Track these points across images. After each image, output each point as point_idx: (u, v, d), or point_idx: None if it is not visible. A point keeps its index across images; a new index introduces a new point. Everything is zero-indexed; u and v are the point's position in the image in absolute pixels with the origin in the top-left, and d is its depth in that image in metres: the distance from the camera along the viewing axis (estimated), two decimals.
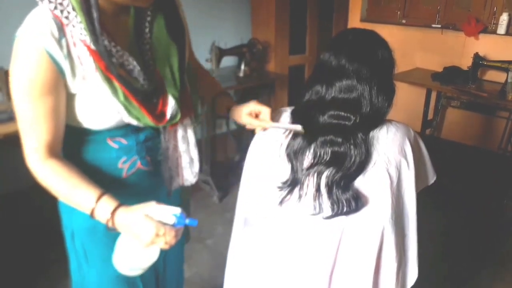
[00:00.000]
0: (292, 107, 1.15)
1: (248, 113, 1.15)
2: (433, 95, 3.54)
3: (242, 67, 3.24)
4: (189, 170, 1.14)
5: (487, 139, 3.48)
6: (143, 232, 0.85)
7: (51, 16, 0.81)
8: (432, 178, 1.19)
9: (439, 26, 3.49)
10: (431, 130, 3.64)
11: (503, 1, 3.15)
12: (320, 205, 1.03)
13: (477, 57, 3.10)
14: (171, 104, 0.97)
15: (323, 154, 1.02)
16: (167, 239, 0.86)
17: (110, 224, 0.87)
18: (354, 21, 4.09)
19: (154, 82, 0.95)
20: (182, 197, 1.27)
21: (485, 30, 3.23)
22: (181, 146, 1.09)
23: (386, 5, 3.87)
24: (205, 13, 3.26)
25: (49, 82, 0.84)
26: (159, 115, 0.96)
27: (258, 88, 3.50)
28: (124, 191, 1.00)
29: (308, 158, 1.04)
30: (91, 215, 0.89)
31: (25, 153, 0.90)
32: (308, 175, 1.03)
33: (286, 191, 1.06)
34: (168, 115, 0.98)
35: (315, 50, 3.89)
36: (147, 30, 0.94)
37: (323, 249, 1.06)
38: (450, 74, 3.26)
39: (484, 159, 3.42)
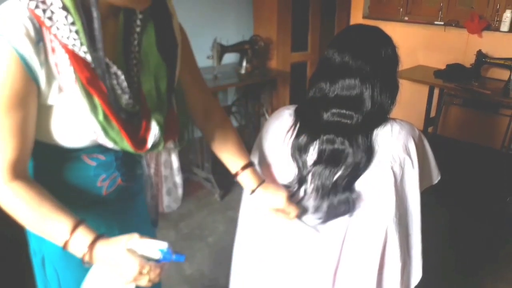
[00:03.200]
0: (295, 106, 1.14)
1: (276, 210, 1.06)
2: (436, 92, 3.52)
3: (244, 64, 3.23)
4: (169, 197, 1.06)
5: (490, 137, 3.46)
6: (125, 269, 0.77)
7: (28, 15, 0.69)
8: (436, 178, 1.19)
9: (442, 23, 3.47)
10: (434, 128, 3.63)
11: None
12: (318, 205, 1.04)
13: (480, 55, 3.08)
14: (154, 131, 0.84)
15: (326, 152, 1.01)
16: (151, 277, 0.78)
17: (86, 259, 0.77)
18: (356, 18, 4.07)
19: (139, 103, 0.82)
20: None
21: (488, 27, 3.21)
22: (164, 171, 1.01)
23: (389, 2, 3.85)
24: (207, 10, 3.25)
25: (19, 93, 0.71)
26: (139, 141, 0.83)
27: (260, 85, 3.49)
28: (105, 209, 0.92)
29: (312, 156, 1.03)
30: (64, 247, 0.78)
31: None
32: (313, 173, 1.03)
33: (294, 189, 1.06)
34: (149, 143, 0.84)
35: (317, 47, 3.87)
36: (135, 42, 0.81)
37: (327, 247, 1.06)
38: (453, 72, 3.24)
39: (487, 157, 3.41)
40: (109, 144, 0.81)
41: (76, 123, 0.78)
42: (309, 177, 1.04)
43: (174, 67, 0.88)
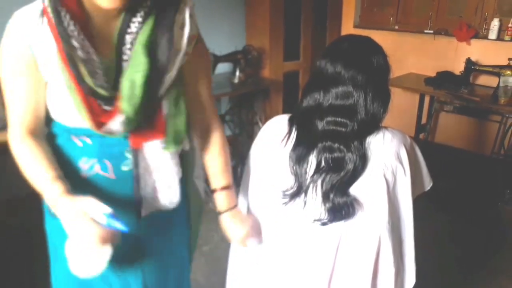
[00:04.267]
0: (289, 114, 1.16)
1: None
2: (427, 99, 3.56)
3: (237, 73, 3.25)
4: (166, 196, 1.05)
5: (481, 143, 3.51)
6: (78, 227, 0.86)
7: (39, 6, 0.85)
8: (428, 185, 1.20)
9: (432, 31, 3.52)
10: (425, 135, 3.67)
11: (494, 7, 3.20)
12: (320, 211, 1.04)
13: (469, 62, 3.13)
14: (118, 118, 0.88)
15: (323, 161, 1.03)
16: (99, 239, 0.86)
17: (52, 208, 0.90)
18: (348, 27, 4.12)
19: (115, 91, 0.88)
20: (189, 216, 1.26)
21: (476, 36, 3.27)
22: (156, 169, 1.01)
23: (379, 11, 3.91)
24: (200, 20, 3.25)
25: (25, 66, 0.87)
26: (100, 122, 0.88)
27: (253, 94, 3.51)
28: (85, 191, 0.95)
29: (312, 165, 1.05)
30: (44, 194, 0.91)
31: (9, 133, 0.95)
32: (311, 181, 1.04)
33: (289, 198, 1.07)
34: (108, 126, 0.89)
35: (309, 56, 3.91)
36: (130, 40, 0.88)
37: (321, 255, 1.07)
38: (443, 79, 3.29)
39: (478, 162, 3.45)
40: (78, 118, 0.89)
41: (60, 97, 0.89)
42: (310, 185, 1.04)
43: (162, 69, 0.90)
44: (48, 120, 0.96)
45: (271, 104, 3.65)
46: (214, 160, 1.16)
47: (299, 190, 1.06)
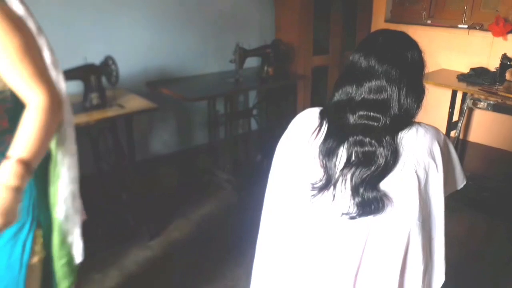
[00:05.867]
0: (320, 107, 1.16)
1: None
2: (459, 96, 3.47)
3: (266, 68, 3.26)
4: None
5: None
6: None
7: None
8: (462, 183, 1.19)
9: (466, 26, 3.43)
10: (456, 132, 3.58)
11: None
12: (349, 205, 1.04)
13: (505, 58, 3.03)
14: None
15: (353, 154, 1.03)
16: None
17: None
18: (378, 22, 4.05)
19: None
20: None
21: None
22: None
23: (411, 5, 3.82)
24: (229, 15, 3.30)
25: None
26: None
27: (281, 88, 3.52)
28: None
29: (342, 159, 1.05)
30: None
31: None
32: (341, 175, 1.04)
33: (317, 190, 1.07)
34: None
35: (339, 51, 3.87)
36: None
37: (349, 250, 1.07)
38: (477, 75, 3.20)
39: None
40: None
41: None
42: (339, 178, 1.04)
43: None
44: None
45: (300, 99, 3.64)
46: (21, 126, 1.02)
47: (328, 183, 1.05)
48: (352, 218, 1.04)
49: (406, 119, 1.04)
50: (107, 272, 2.19)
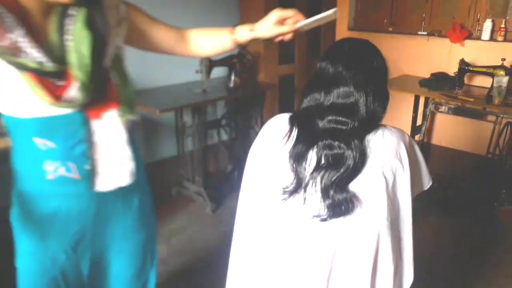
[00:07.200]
0: (289, 114, 1.17)
1: (276, 22, 1.12)
2: (421, 101, 3.58)
3: (233, 77, 3.25)
4: (119, 169, 1.10)
5: (476, 143, 3.52)
6: None
7: None
8: (428, 183, 1.21)
9: (425, 33, 3.55)
10: (420, 136, 3.68)
11: (486, 8, 3.22)
12: (320, 207, 1.05)
13: (463, 63, 3.15)
14: (74, 86, 0.96)
15: (323, 158, 1.04)
16: None
17: None
18: (342, 29, 4.14)
19: (62, 65, 0.95)
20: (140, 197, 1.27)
21: (470, 36, 3.30)
22: (109, 142, 1.07)
23: (373, 13, 3.93)
24: (193, 24, 3.26)
25: None
26: (58, 96, 0.95)
27: (248, 98, 3.52)
28: (48, 192, 1.04)
29: (311, 162, 1.06)
30: None
31: None
32: (311, 178, 1.05)
33: (288, 194, 1.08)
34: (66, 96, 0.96)
35: (304, 59, 3.93)
36: (70, 22, 0.96)
37: (320, 252, 1.07)
38: (438, 80, 3.31)
39: (473, 163, 3.46)
40: (35, 99, 0.93)
41: (8, 85, 0.93)
42: (309, 181, 1.06)
43: (104, 42, 1.02)
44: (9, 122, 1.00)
45: (267, 107, 3.65)
46: (205, 36, 1.29)
47: (298, 186, 1.06)
48: (323, 220, 1.05)
49: (373, 123, 1.06)
50: None
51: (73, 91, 0.96)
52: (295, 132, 1.10)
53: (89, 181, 1.07)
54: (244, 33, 1.20)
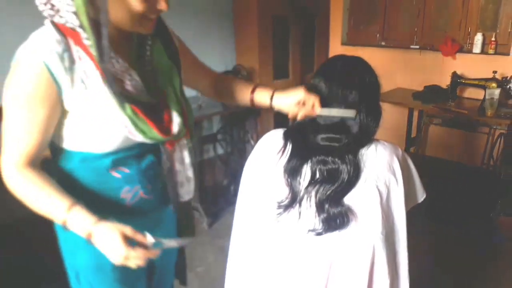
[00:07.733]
0: (283, 129, 1.18)
1: (298, 103, 1.11)
2: (415, 113, 3.61)
3: None
4: (182, 189, 1.12)
5: (470, 155, 3.55)
6: (113, 251, 0.86)
7: (55, 31, 0.85)
8: (421, 196, 1.22)
9: (418, 47, 3.60)
10: (415, 148, 3.70)
11: (477, 22, 3.28)
12: (315, 221, 1.05)
13: (455, 76, 3.19)
14: (176, 120, 0.99)
15: (317, 172, 1.05)
16: (135, 261, 0.87)
17: (90, 237, 0.87)
18: (335, 44, 4.19)
19: (157, 98, 0.97)
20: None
21: (461, 50, 3.35)
22: (178, 166, 1.08)
23: (366, 28, 3.98)
24: (190, 41, 3.29)
25: (46, 95, 0.85)
26: (165, 129, 0.97)
27: (244, 112, 3.53)
28: (128, 218, 0.98)
29: (306, 177, 1.06)
30: (64, 225, 0.88)
31: (1, 159, 0.91)
32: (306, 192, 1.06)
33: (283, 209, 1.08)
34: (174, 129, 0.99)
35: (299, 74, 3.96)
36: (148, 53, 0.98)
37: (316, 266, 1.07)
38: (431, 93, 3.35)
39: (468, 174, 3.47)
40: (139, 137, 0.93)
41: (106, 123, 0.91)
42: (304, 196, 1.06)
43: (180, 68, 1.07)
44: (73, 157, 0.97)
45: (262, 122, 3.67)
46: (233, 86, 1.26)
47: (293, 201, 1.07)
48: (319, 234, 1.05)
49: (366, 138, 1.07)
50: None
51: (177, 123, 0.99)
52: (289, 147, 1.10)
53: (159, 200, 1.08)
54: (264, 97, 1.21)
